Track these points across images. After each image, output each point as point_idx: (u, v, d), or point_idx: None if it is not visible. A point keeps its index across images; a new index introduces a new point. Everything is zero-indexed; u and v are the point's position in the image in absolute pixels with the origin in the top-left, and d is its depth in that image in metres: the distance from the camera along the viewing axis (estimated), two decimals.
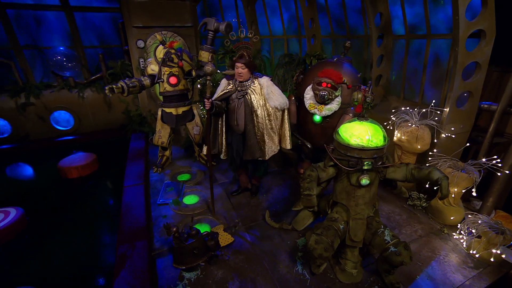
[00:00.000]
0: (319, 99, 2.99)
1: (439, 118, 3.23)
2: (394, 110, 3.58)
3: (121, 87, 3.06)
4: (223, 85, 2.87)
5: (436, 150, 3.12)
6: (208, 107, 2.51)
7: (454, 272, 2.36)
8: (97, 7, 5.52)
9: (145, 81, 3.34)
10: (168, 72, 3.42)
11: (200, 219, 2.97)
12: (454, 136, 3.19)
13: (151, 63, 3.46)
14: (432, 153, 3.07)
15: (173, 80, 3.46)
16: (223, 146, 3.02)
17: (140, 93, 3.32)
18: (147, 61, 3.53)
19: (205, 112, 2.85)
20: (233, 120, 2.85)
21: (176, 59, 3.33)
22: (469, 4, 2.76)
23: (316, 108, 3.06)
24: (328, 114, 3.07)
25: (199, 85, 4.74)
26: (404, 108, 3.44)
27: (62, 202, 3.87)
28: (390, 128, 3.48)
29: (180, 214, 3.07)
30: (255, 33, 2.71)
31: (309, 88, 3.13)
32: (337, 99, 3.01)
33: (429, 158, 3.04)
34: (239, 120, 2.83)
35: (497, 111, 3.07)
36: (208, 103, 2.49)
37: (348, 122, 2.16)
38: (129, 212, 2.92)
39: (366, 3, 4.14)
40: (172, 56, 3.31)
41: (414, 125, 3.24)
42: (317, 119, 3.15)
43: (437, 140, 3.21)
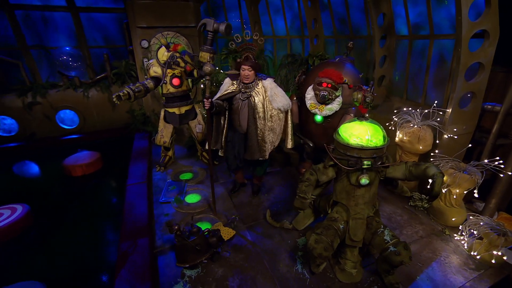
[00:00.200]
0: (320, 99, 3.00)
1: (442, 119, 3.22)
2: (396, 111, 3.57)
3: (128, 94, 3.08)
4: (227, 85, 2.88)
5: (438, 151, 3.10)
6: (208, 107, 2.54)
7: (455, 274, 2.35)
8: (103, 8, 5.60)
9: (149, 84, 3.35)
10: (171, 74, 3.45)
11: (201, 218, 3.00)
12: (457, 137, 3.17)
13: (153, 65, 3.48)
14: (434, 154, 3.06)
15: (176, 82, 3.50)
16: (224, 144, 3.05)
17: (149, 92, 3.37)
18: (149, 63, 3.54)
19: (205, 112, 2.88)
20: (236, 121, 2.88)
21: (183, 64, 3.35)
22: (474, 3, 2.73)
23: (317, 108, 3.07)
24: (329, 114, 3.08)
25: (202, 85, 4.78)
26: (406, 109, 3.43)
27: (67, 200, 3.93)
28: (392, 129, 3.47)
29: (182, 213, 3.10)
30: (259, 34, 2.73)
31: (310, 88, 3.15)
32: (338, 99, 3.02)
33: (431, 159, 3.03)
34: (242, 121, 2.85)
35: (501, 112, 3.04)
36: (208, 103, 2.52)
37: (348, 122, 2.17)
38: (132, 210, 2.97)
39: (369, 4, 4.13)
40: (178, 60, 3.33)
41: (416, 126, 3.23)
42: (318, 119, 3.17)
43: (439, 141, 3.20)
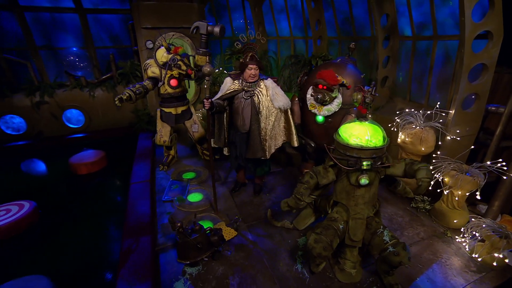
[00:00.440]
0: (315, 101, 3.06)
1: (445, 120, 3.20)
2: (399, 112, 3.56)
3: (129, 96, 3.13)
4: (228, 84, 2.90)
5: (441, 153, 3.09)
6: (208, 107, 2.57)
7: (456, 276, 2.34)
8: (109, 9, 5.70)
9: (148, 85, 3.37)
10: (169, 75, 3.49)
11: (203, 217, 3.04)
12: (460, 139, 3.14)
13: (151, 66, 3.49)
14: (436, 156, 3.04)
15: (174, 83, 3.55)
16: (226, 143, 3.09)
17: (148, 93, 3.43)
18: (146, 63, 3.53)
19: (205, 112, 2.92)
20: (239, 120, 2.91)
21: (184, 67, 3.38)
22: (479, 3, 2.71)
23: (316, 108, 3.11)
24: (328, 114, 3.11)
25: (205, 86, 4.83)
26: (409, 110, 3.42)
27: (72, 197, 4.02)
28: (394, 130, 3.46)
29: (184, 211, 3.14)
30: (262, 34, 2.78)
31: (310, 89, 3.18)
32: (337, 100, 3.04)
33: (433, 161, 3.01)
34: (245, 120, 2.88)
35: (505, 114, 3.01)
36: (208, 103, 2.55)
37: (348, 123, 2.19)
38: (135, 208, 3.01)
39: (372, 4, 4.12)
40: (179, 63, 3.35)
41: (419, 127, 3.22)
42: (320, 120, 3.19)
43: (442, 143, 3.18)
